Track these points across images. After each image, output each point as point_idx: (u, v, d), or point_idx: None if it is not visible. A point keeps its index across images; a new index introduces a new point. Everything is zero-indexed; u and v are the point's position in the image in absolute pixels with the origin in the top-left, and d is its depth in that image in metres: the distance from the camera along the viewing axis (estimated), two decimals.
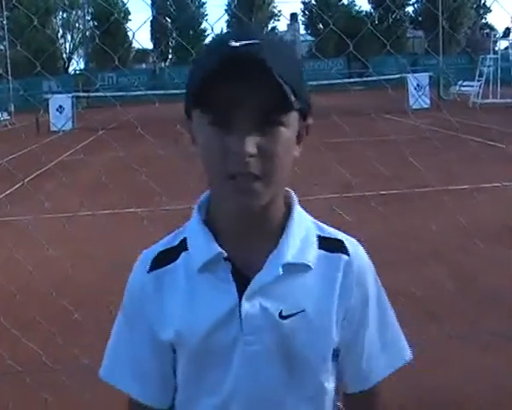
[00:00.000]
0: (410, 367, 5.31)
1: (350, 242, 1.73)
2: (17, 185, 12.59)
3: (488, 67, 33.69)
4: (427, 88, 31.52)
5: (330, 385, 1.71)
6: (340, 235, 1.74)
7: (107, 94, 29.88)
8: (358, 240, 1.76)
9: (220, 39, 1.52)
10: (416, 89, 31.26)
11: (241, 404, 1.63)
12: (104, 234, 7.14)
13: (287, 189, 1.69)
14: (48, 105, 30.83)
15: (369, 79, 33.25)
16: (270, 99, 1.43)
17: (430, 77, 32.99)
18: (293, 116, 1.52)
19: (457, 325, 5.83)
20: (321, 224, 1.75)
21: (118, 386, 1.75)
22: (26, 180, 11.32)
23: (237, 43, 1.43)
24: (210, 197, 1.69)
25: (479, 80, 33.33)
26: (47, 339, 5.57)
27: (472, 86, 33.58)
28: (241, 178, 1.47)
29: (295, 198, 1.71)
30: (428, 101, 29.96)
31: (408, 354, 1.81)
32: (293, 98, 1.43)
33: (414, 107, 28.30)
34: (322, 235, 1.70)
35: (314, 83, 26.50)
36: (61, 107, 31.19)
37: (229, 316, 1.59)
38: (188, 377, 1.68)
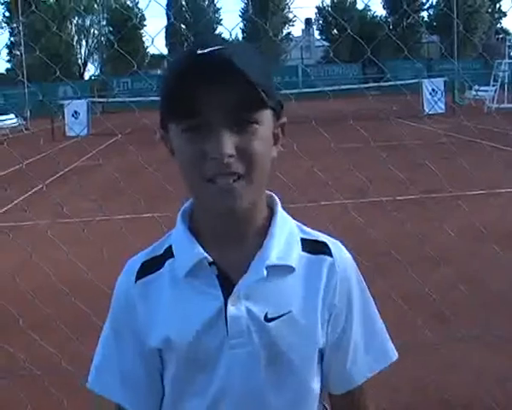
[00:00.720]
0: (419, 368, 5.34)
1: (333, 243, 1.75)
2: (34, 189, 12.67)
3: (503, 71, 33.58)
4: (443, 93, 31.45)
5: (316, 386, 1.73)
6: (324, 237, 1.76)
7: (125, 99, 29.99)
8: (371, 243, 1.78)
9: (187, 49, 1.54)
10: (431, 94, 31.21)
11: (227, 407, 1.65)
12: (121, 239, 7.16)
13: (269, 192, 1.71)
14: (63, 110, 30.96)
15: (385, 83, 33.14)
16: (241, 98, 1.46)
17: (445, 82, 32.91)
18: (267, 114, 1.55)
19: (467, 327, 5.84)
20: (304, 226, 1.76)
21: (106, 395, 1.76)
22: (41, 186, 11.40)
23: (202, 51, 1.45)
24: (193, 204, 1.71)
25: (494, 85, 33.21)
26: (64, 341, 5.62)
27: (487, 91, 33.46)
28: (222, 178, 1.49)
29: (278, 201, 1.72)
30: (443, 106, 29.91)
31: (393, 354, 1.81)
32: (263, 94, 1.46)
33: (429, 112, 28.23)
34: (305, 237, 1.72)
35: (330, 88, 26.49)
36: (76, 112, 31.31)
37: (216, 320, 1.61)
38: (175, 382, 1.70)
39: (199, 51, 1.45)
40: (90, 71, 76.33)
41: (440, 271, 7.07)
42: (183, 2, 66.64)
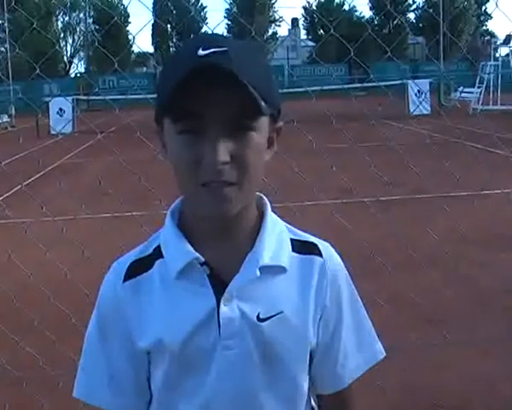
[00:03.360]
0: (408, 371, 5.31)
1: (323, 244, 1.75)
2: (16, 188, 12.58)
3: (488, 73, 33.71)
4: (428, 94, 31.54)
5: (306, 386, 1.73)
6: (313, 238, 1.76)
7: (108, 97, 29.88)
8: (356, 245, 1.75)
9: (187, 48, 1.51)
10: (416, 95, 31.31)
11: (220, 408, 1.63)
12: (103, 238, 7.12)
13: (259, 194, 1.70)
14: (48, 108, 30.83)
15: (370, 84, 33.19)
16: (239, 105, 1.44)
17: (430, 83, 33.02)
18: (264, 121, 1.53)
19: (455, 331, 5.83)
20: (293, 228, 1.76)
21: (92, 402, 1.74)
22: (24, 183, 11.32)
23: (204, 52, 1.43)
24: (182, 203, 1.69)
25: (479, 87, 33.35)
26: (45, 344, 5.54)
27: (472, 93, 33.59)
28: (214, 184, 1.48)
29: (268, 203, 1.72)
30: (429, 107, 30.03)
31: (381, 351, 1.83)
32: (262, 103, 1.43)
33: (414, 113, 28.29)
34: (295, 238, 1.72)
35: (315, 88, 26.51)
36: (61, 110, 31.20)
37: (208, 321, 1.59)
38: (166, 384, 1.67)
39: (200, 53, 1.43)
40: (76, 68, 76.20)
41: (427, 273, 7.04)
42: (169, 2, 66.50)
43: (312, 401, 1.82)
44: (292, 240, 1.71)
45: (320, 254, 1.71)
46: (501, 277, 7.41)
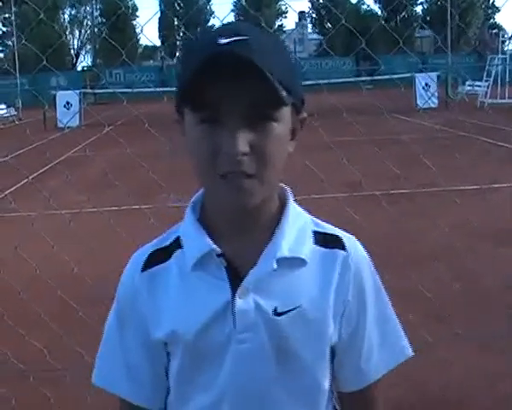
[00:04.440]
0: (411, 366, 5.29)
1: (347, 238, 1.70)
2: (23, 181, 12.58)
3: (496, 66, 33.61)
4: (436, 87, 31.46)
5: (327, 384, 1.68)
6: (337, 231, 1.71)
7: (115, 90, 29.92)
8: (366, 238, 1.71)
9: (208, 36, 1.49)
10: (424, 88, 31.21)
11: (233, 402, 1.61)
12: (110, 231, 7.08)
13: (281, 184, 1.67)
14: (55, 101, 30.85)
15: (378, 77, 33.16)
16: (260, 95, 1.40)
17: (438, 76, 32.93)
18: (286, 111, 1.50)
19: (461, 325, 5.79)
20: (317, 220, 1.72)
21: (110, 390, 1.73)
22: (31, 177, 11.31)
23: (225, 40, 1.40)
24: (203, 195, 1.67)
25: (487, 80, 33.25)
26: (51, 337, 5.53)
27: (480, 86, 33.50)
28: (233, 176, 1.45)
29: (290, 194, 1.69)
30: (436, 100, 29.93)
31: (408, 350, 1.78)
32: (284, 93, 1.41)
33: (422, 106, 28.21)
34: (318, 230, 1.68)
35: (322, 81, 26.46)
36: (68, 103, 31.23)
37: (223, 313, 1.57)
38: (181, 376, 1.65)
39: (220, 41, 1.40)
40: (83, 62, 76.30)
41: (435, 267, 7.00)
42: None
43: (335, 401, 1.77)
44: (315, 232, 1.66)
45: (343, 248, 1.66)
46: (508, 272, 7.35)
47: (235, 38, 1.40)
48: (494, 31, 49.76)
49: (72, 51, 72.34)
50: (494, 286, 6.90)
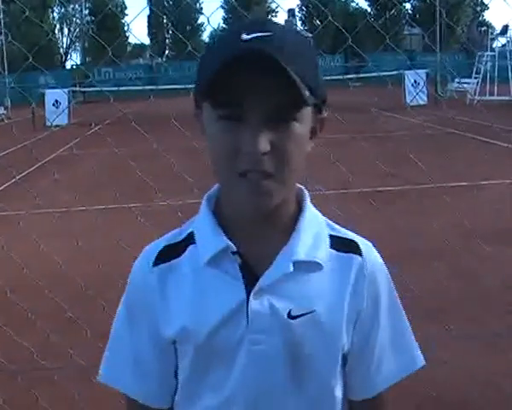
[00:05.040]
0: None
1: (363, 243, 1.68)
2: (11, 181, 12.53)
3: (485, 63, 33.70)
4: (425, 84, 31.50)
5: (339, 392, 1.66)
6: (354, 236, 1.69)
7: (104, 89, 29.83)
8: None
9: (232, 31, 1.47)
10: (413, 85, 31.26)
11: (243, 404, 1.58)
12: (98, 230, 7.07)
13: (299, 185, 1.64)
14: (44, 100, 30.76)
15: (367, 75, 33.20)
16: (282, 94, 1.38)
17: (427, 73, 32.96)
18: (307, 111, 1.47)
19: (459, 325, 5.79)
20: (333, 223, 1.70)
21: (118, 388, 1.71)
22: (19, 176, 11.28)
23: (248, 37, 1.39)
24: (219, 190, 1.64)
25: (476, 77, 33.32)
26: (40, 337, 5.50)
27: (469, 83, 33.56)
28: (253, 175, 1.42)
29: (307, 195, 1.67)
30: (425, 97, 29.99)
31: (420, 360, 1.75)
32: (307, 94, 1.38)
33: (411, 104, 28.26)
34: (334, 234, 1.65)
35: None
36: (57, 102, 31.11)
37: (237, 313, 1.54)
38: (190, 376, 1.63)
39: (244, 37, 1.39)
40: (72, 60, 76.15)
41: (429, 266, 7.00)
42: None
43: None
44: (331, 236, 1.64)
45: (360, 253, 1.64)
46: (505, 271, 7.35)
47: (258, 34, 1.39)
48: (483, 28, 49.82)
49: (61, 50, 72.12)
50: (493, 285, 6.90)
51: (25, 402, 4.98)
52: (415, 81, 31.41)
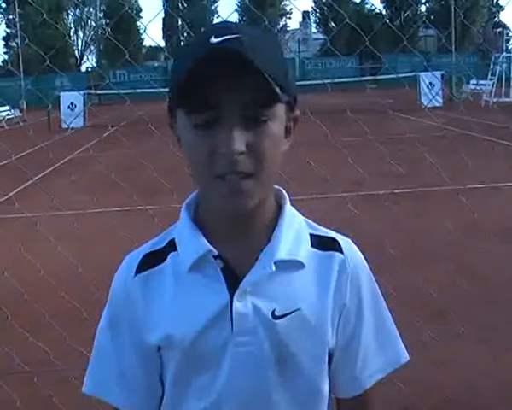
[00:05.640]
0: (418, 365, 5.24)
1: (344, 240, 1.69)
2: (27, 183, 12.58)
3: (501, 65, 33.58)
4: (440, 86, 31.44)
5: (325, 389, 1.66)
6: (333, 234, 1.69)
7: (119, 91, 29.92)
8: (370, 238, 1.70)
9: (200, 37, 1.47)
10: (428, 87, 31.20)
11: (230, 407, 1.58)
12: (114, 231, 7.08)
13: (277, 187, 1.65)
14: (59, 102, 30.89)
15: (383, 77, 33.11)
16: (254, 94, 1.39)
17: (442, 75, 32.90)
18: (280, 109, 1.48)
19: (466, 325, 5.76)
20: (313, 223, 1.70)
21: (102, 397, 1.70)
22: (35, 178, 11.31)
23: (217, 40, 1.39)
24: (198, 196, 1.65)
25: (491, 79, 33.22)
26: (55, 338, 5.52)
27: (484, 85, 33.45)
28: (231, 177, 1.43)
29: (286, 196, 1.66)
30: (441, 99, 29.91)
31: (404, 355, 1.75)
32: (278, 90, 1.39)
33: (426, 105, 28.20)
34: (314, 233, 1.66)
35: (327, 81, 26.43)
36: (72, 104, 31.28)
37: (221, 316, 1.54)
38: (176, 381, 1.63)
39: (213, 40, 1.39)
40: (88, 63, 76.47)
41: (439, 266, 6.98)
42: None
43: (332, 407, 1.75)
44: (311, 235, 1.64)
45: (341, 251, 1.64)
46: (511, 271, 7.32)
47: (226, 37, 1.39)
48: (498, 29, 49.62)
49: (76, 52, 72.39)
50: (500, 285, 6.89)
51: (40, 403, 5.00)
52: (430, 83, 31.35)
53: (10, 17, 65.54)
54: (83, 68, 70.19)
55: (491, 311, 6.28)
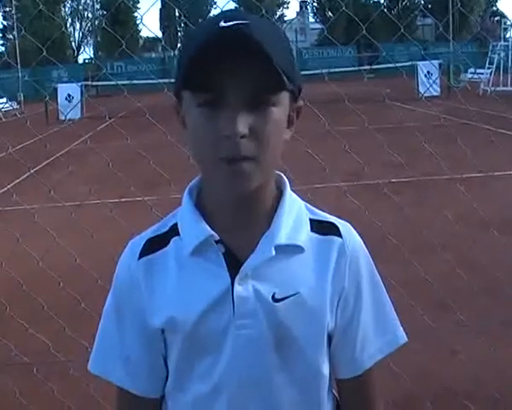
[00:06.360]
0: (420, 355, 5.26)
1: (343, 225, 1.72)
2: (25, 175, 12.57)
3: (499, 53, 33.55)
4: (438, 75, 31.39)
5: (326, 371, 1.70)
6: (333, 218, 1.73)
7: (116, 82, 29.88)
8: (369, 228, 1.70)
9: (209, 20, 1.51)
10: (426, 76, 31.15)
11: (232, 389, 1.61)
12: (112, 223, 7.07)
13: (278, 172, 1.69)
14: (57, 94, 30.83)
15: (380, 66, 33.06)
16: (261, 78, 1.42)
17: (440, 64, 32.85)
18: (285, 96, 1.51)
19: (468, 314, 5.76)
20: (312, 207, 1.73)
21: (107, 377, 1.73)
22: (33, 170, 11.31)
23: (227, 24, 1.41)
24: (201, 181, 1.67)
25: (489, 68, 33.19)
26: (54, 330, 5.53)
27: (482, 74, 33.42)
28: (233, 160, 1.45)
29: (287, 182, 1.70)
30: (438, 88, 29.86)
31: (402, 336, 1.78)
32: (285, 79, 1.43)
33: (424, 94, 28.18)
34: (314, 218, 1.70)
35: (324, 70, 26.42)
36: (69, 96, 31.21)
37: (222, 300, 1.58)
38: (180, 364, 1.66)
39: (222, 24, 1.41)
40: (85, 54, 76.29)
41: (440, 256, 6.97)
42: None
43: (333, 389, 1.78)
44: (311, 220, 1.67)
45: (339, 235, 1.67)
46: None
47: (236, 22, 1.41)
48: (496, 18, 49.58)
49: (73, 44, 72.25)
50: (501, 275, 6.87)
51: (40, 394, 5.01)
52: (428, 72, 31.30)
53: (7, 9, 65.50)
54: (80, 60, 70.14)
55: (492, 301, 6.27)
